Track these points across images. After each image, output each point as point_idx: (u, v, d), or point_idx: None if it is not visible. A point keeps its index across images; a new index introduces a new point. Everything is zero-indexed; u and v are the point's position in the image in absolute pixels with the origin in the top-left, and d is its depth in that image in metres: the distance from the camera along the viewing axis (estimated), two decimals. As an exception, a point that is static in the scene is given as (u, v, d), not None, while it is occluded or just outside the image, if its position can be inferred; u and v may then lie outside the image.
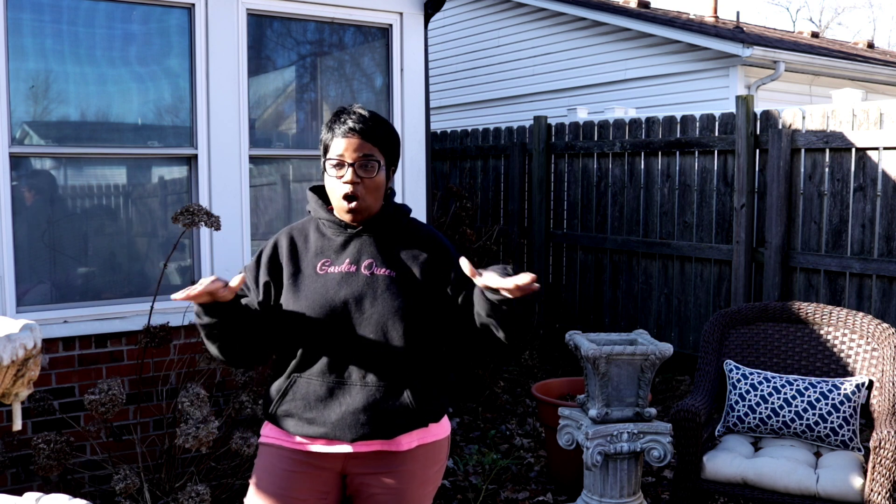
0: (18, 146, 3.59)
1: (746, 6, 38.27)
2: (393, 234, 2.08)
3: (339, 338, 1.99)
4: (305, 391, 2.02)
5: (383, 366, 2.00)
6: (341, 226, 2.06)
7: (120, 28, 3.81)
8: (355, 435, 1.99)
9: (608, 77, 9.69)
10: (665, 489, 4.21)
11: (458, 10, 11.26)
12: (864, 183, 4.92)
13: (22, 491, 3.27)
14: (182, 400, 3.07)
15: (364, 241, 2.05)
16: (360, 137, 1.98)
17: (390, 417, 2.00)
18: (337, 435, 1.99)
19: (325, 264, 2.04)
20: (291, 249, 2.08)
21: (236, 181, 4.03)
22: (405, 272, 2.03)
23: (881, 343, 3.56)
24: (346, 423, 1.98)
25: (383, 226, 2.07)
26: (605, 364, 3.31)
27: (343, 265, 2.03)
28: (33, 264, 3.67)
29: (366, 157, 1.98)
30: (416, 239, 2.10)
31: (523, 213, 7.24)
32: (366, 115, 2.01)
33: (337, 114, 2.03)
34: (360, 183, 1.98)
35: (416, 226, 2.15)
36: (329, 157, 2.00)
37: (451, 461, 4.54)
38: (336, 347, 2.00)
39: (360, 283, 2.00)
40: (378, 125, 2.02)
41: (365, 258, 2.03)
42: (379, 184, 2.01)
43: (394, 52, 4.50)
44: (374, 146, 2.00)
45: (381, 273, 2.02)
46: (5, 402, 1.62)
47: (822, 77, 9.46)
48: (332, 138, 2.00)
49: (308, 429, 2.02)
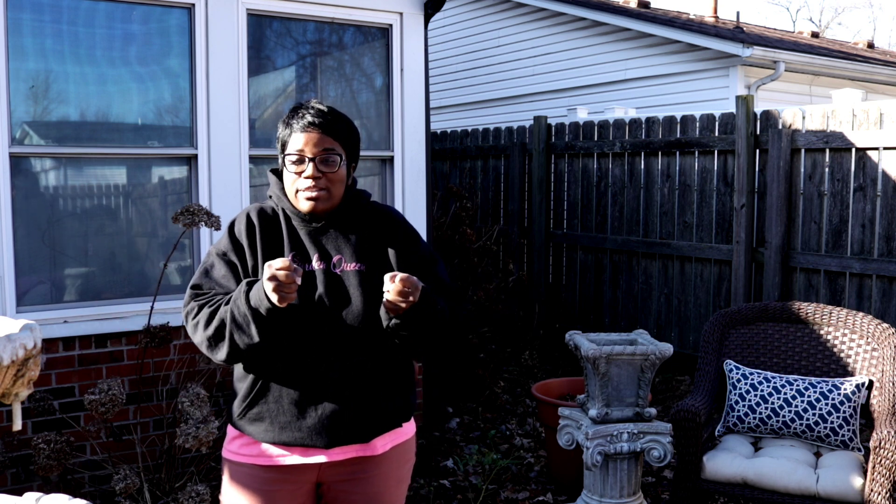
0: (18, 146, 3.59)
1: (746, 6, 38.29)
2: (356, 223, 2.04)
3: (314, 338, 1.92)
4: (279, 394, 1.94)
5: (360, 365, 1.94)
6: (305, 220, 2.00)
7: (120, 28, 3.81)
8: (332, 440, 1.93)
9: (608, 77, 9.68)
10: (665, 489, 4.21)
11: (458, 10, 11.26)
12: (864, 183, 4.92)
13: (22, 491, 3.27)
14: (182, 400, 3.07)
15: (330, 236, 2.00)
16: (319, 131, 1.93)
17: (368, 419, 1.96)
18: (313, 441, 1.93)
19: (294, 257, 1.97)
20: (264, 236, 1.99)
21: (236, 181, 4.03)
22: (374, 263, 1.99)
23: (881, 343, 3.56)
24: (322, 428, 1.92)
25: (346, 217, 2.03)
26: (605, 364, 3.31)
27: (313, 262, 1.97)
28: (33, 264, 3.67)
29: (326, 150, 1.94)
30: (379, 225, 2.06)
31: (523, 213, 7.23)
32: (324, 110, 1.97)
33: (294, 109, 1.99)
34: (321, 177, 1.94)
35: (376, 210, 2.10)
36: (288, 152, 1.95)
37: (450, 461, 4.54)
38: (311, 348, 1.92)
39: (330, 280, 1.95)
40: (337, 119, 1.98)
41: (333, 254, 1.98)
42: (341, 178, 1.97)
43: (394, 52, 4.50)
44: (334, 140, 1.95)
45: (350, 269, 1.97)
46: (5, 402, 1.62)
47: (822, 77, 9.46)
48: (290, 134, 1.96)
49: (281, 435, 1.94)
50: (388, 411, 2.00)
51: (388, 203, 4.52)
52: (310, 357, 1.93)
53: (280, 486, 1.98)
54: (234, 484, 2.02)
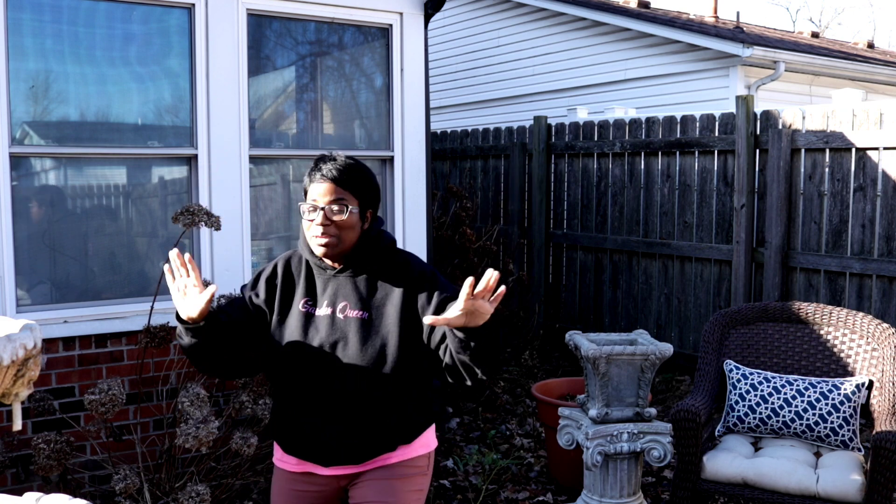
0: (18, 146, 3.59)
1: (746, 6, 38.27)
2: (370, 269, 2.17)
3: (316, 378, 2.13)
4: (290, 417, 2.19)
5: (357, 403, 2.12)
6: (322, 267, 2.18)
7: (120, 28, 3.81)
8: (333, 462, 2.16)
9: (608, 77, 9.68)
10: (665, 489, 4.21)
11: (458, 10, 11.26)
12: (864, 183, 4.92)
13: (22, 491, 3.26)
14: (182, 400, 3.06)
15: (341, 283, 2.16)
16: (331, 183, 2.10)
17: (362, 448, 2.15)
18: (316, 460, 2.17)
19: (307, 303, 2.17)
20: (285, 280, 2.21)
21: (236, 181, 4.03)
22: (378, 312, 2.13)
23: (881, 343, 3.56)
24: (325, 452, 2.15)
25: (360, 262, 2.16)
26: (605, 364, 3.31)
27: (322, 307, 2.16)
28: (33, 264, 3.67)
29: (335, 200, 2.09)
30: (392, 272, 2.17)
31: (523, 213, 7.23)
32: (340, 164, 2.13)
33: (316, 161, 2.16)
34: (330, 225, 2.09)
35: (394, 256, 2.21)
36: (306, 201, 2.14)
37: (450, 461, 4.54)
38: (313, 386, 2.13)
39: (334, 326, 2.13)
40: (351, 172, 2.13)
41: (340, 301, 2.14)
42: (350, 224, 2.11)
43: (394, 52, 4.50)
44: (345, 191, 2.11)
45: (353, 315, 2.13)
46: (5, 402, 1.62)
47: (823, 77, 9.45)
48: (309, 183, 2.14)
49: (296, 450, 2.20)
50: (382, 438, 2.16)
51: (388, 203, 4.52)
52: (312, 390, 2.14)
53: (308, 488, 2.23)
54: (275, 486, 2.31)
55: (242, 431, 3.27)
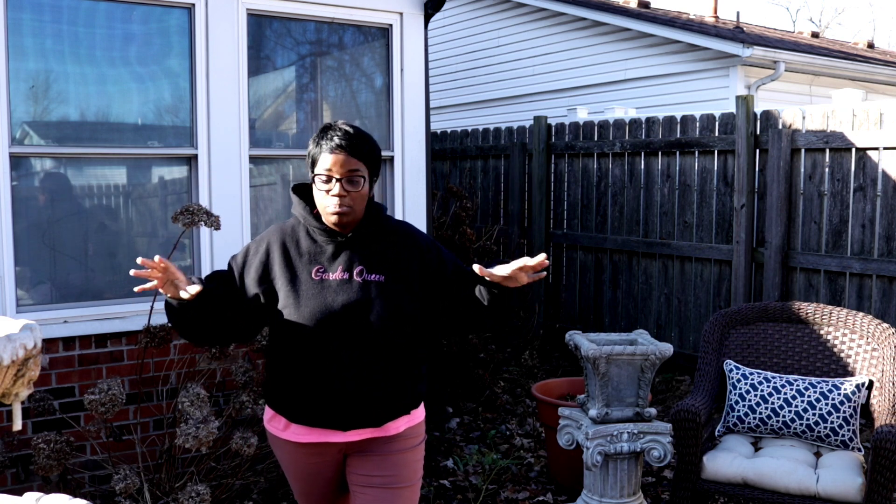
0: (18, 146, 3.59)
1: (746, 6, 38.26)
2: (376, 236, 2.25)
3: (337, 341, 2.15)
4: (304, 384, 2.18)
5: (377, 364, 2.17)
6: (330, 234, 2.21)
7: (120, 28, 3.81)
8: (348, 425, 2.18)
9: (608, 77, 9.68)
10: (665, 489, 4.21)
11: (458, 10, 11.26)
12: (864, 183, 4.92)
13: (22, 491, 3.27)
14: (182, 400, 3.06)
15: (353, 248, 2.21)
16: (346, 153, 2.13)
17: (381, 409, 2.20)
18: (331, 425, 2.19)
19: (318, 271, 2.19)
20: (285, 256, 2.22)
21: (236, 181, 4.03)
22: (394, 273, 2.21)
23: (881, 343, 3.56)
24: (344, 415, 2.17)
25: (367, 230, 2.23)
26: (605, 364, 3.31)
27: (337, 273, 2.18)
28: (33, 264, 3.67)
29: (352, 171, 2.14)
30: (397, 238, 2.28)
31: (523, 213, 7.23)
32: (351, 132, 2.17)
33: (323, 129, 2.19)
34: (346, 196, 2.14)
35: (393, 224, 2.32)
36: (317, 171, 2.16)
37: (450, 461, 4.54)
38: (334, 350, 2.15)
39: (354, 289, 2.17)
40: (363, 141, 2.18)
41: (356, 265, 2.19)
42: (364, 195, 2.18)
43: (394, 52, 4.50)
44: (359, 161, 2.15)
45: (372, 279, 2.18)
46: (5, 402, 1.62)
47: (823, 77, 9.45)
48: (319, 153, 2.16)
49: (310, 417, 2.19)
50: (400, 400, 2.23)
51: (388, 203, 4.53)
52: (332, 355, 2.15)
53: (308, 458, 2.28)
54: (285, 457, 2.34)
55: (242, 431, 3.27)
